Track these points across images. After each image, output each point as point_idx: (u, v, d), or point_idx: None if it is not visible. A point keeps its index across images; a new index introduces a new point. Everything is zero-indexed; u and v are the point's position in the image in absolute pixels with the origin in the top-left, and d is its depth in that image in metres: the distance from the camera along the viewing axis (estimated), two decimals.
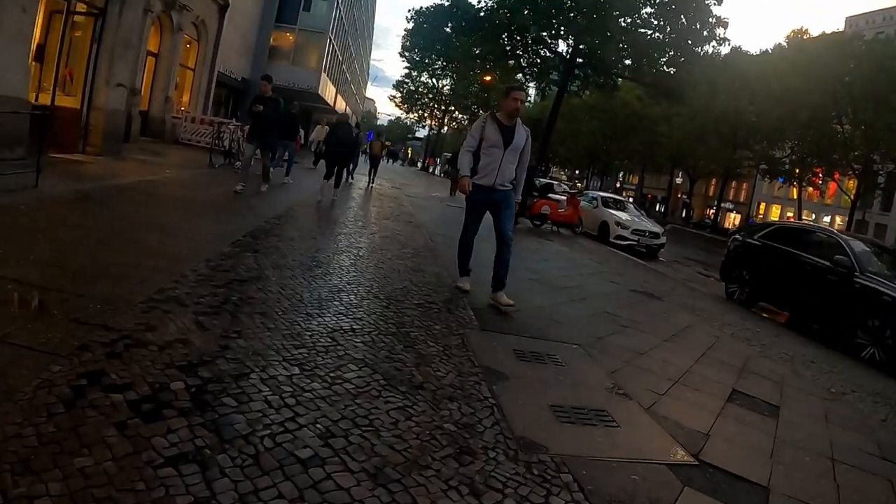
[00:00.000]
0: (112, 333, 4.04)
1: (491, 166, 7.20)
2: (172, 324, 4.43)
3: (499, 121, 7.23)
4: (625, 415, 4.73)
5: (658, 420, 4.76)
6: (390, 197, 20.57)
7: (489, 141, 7.14)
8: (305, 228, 9.93)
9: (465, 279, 7.75)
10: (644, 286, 12.18)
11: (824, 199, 56.00)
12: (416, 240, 11.18)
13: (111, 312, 4.40)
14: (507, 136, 7.15)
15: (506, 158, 7.20)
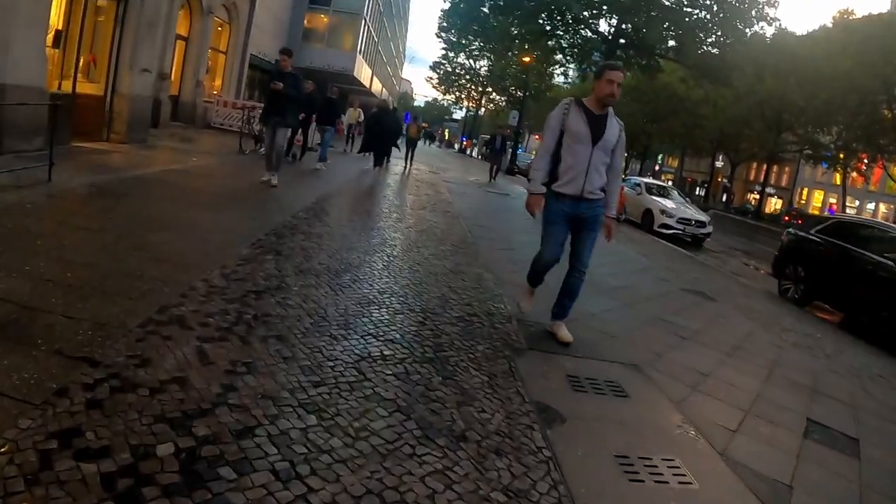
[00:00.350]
0: (98, 371, 3.39)
1: (577, 168, 5.44)
2: (171, 355, 3.75)
3: (586, 108, 5.48)
4: (698, 464, 4.00)
5: (735, 468, 4.04)
6: (427, 183, 19.83)
7: (573, 135, 5.41)
8: (335, 223, 9.24)
9: (529, 300, 6.25)
10: (695, 284, 11.35)
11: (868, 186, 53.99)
12: (454, 233, 10.45)
13: (101, 341, 3.75)
14: (596, 129, 5.43)
15: (595, 158, 5.45)
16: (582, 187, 5.48)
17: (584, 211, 5.63)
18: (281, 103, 11.27)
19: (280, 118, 11.35)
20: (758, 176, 68.47)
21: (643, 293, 9.28)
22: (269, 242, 7.09)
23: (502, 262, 9.04)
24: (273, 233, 7.64)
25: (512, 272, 8.36)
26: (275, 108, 11.37)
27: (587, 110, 5.47)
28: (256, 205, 9.46)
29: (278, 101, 11.26)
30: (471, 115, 71.82)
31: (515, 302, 6.35)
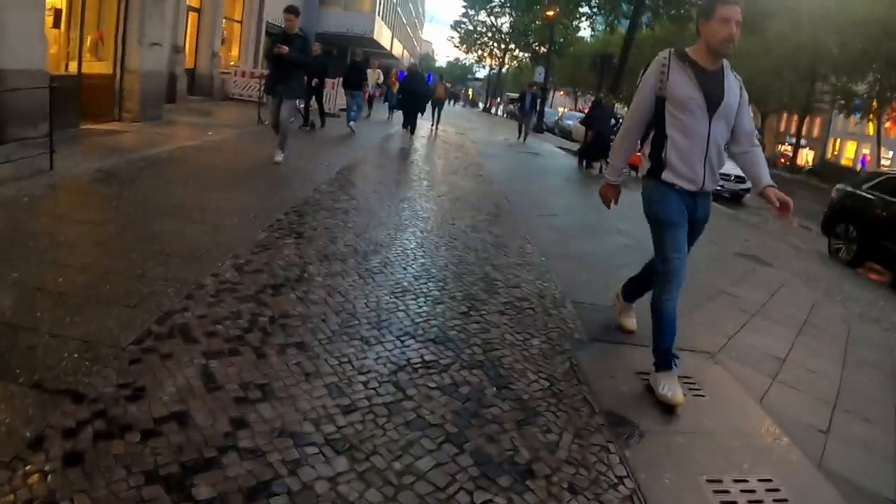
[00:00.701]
0: (82, 409, 2.77)
1: (693, 150, 3.89)
2: (170, 381, 3.10)
3: (693, 63, 3.88)
4: (798, 483, 3.34)
5: (836, 483, 3.39)
6: (455, 145, 19.03)
7: (679, 103, 3.83)
8: (361, 196, 8.54)
9: (629, 316, 5.04)
10: (747, 247, 10.56)
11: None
12: (489, 200, 9.73)
13: (89, 366, 3.11)
14: (712, 91, 3.84)
15: (715, 132, 3.88)
16: (702, 178, 3.92)
17: (700, 211, 4.16)
18: (286, 70, 9.69)
19: (286, 87, 9.70)
20: (788, 127, 66.50)
21: (697, 261, 8.46)
22: (288, 223, 6.44)
23: (544, 230, 8.33)
24: (294, 211, 6.97)
25: (556, 242, 7.69)
26: (280, 75, 9.75)
27: (695, 66, 3.85)
28: (275, 180, 8.78)
29: (283, 67, 9.67)
30: (494, 74, 70.32)
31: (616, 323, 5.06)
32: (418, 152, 15.11)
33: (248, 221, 6.28)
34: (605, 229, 9.27)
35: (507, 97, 64.14)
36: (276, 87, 9.77)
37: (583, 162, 19.03)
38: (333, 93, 21.46)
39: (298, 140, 13.37)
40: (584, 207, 11.19)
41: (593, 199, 12.39)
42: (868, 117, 45.01)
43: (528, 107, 24.50)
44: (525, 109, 24.60)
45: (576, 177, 16.44)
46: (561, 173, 16.50)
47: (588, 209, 10.94)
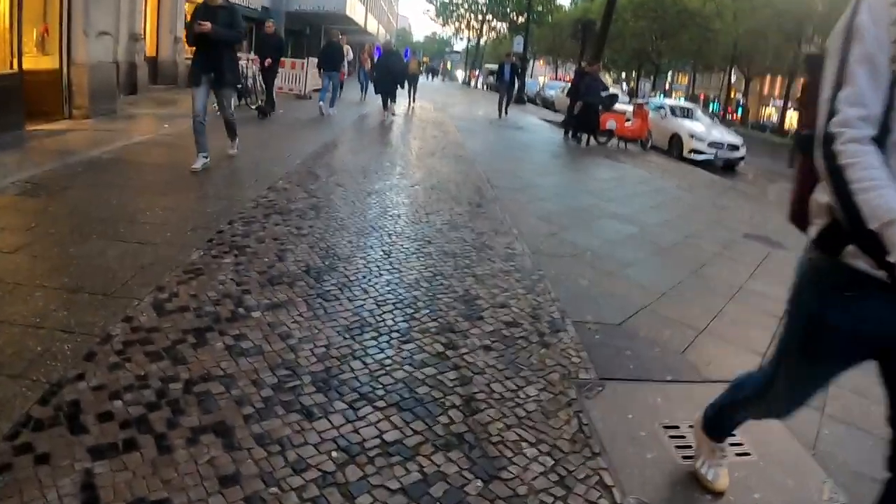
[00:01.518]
0: None
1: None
2: None
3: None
4: None
5: None
6: (433, 123, 17.93)
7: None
8: (323, 192, 7.49)
9: (721, 460, 2.86)
10: (755, 226, 9.60)
11: None
12: (470, 186, 8.78)
13: None
14: None
15: None
16: None
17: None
18: (215, 52, 7.68)
19: (218, 74, 7.80)
20: (772, 90, 65.54)
21: (707, 249, 7.54)
22: (231, 236, 5.41)
23: (534, 221, 7.40)
24: (241, 218, 5.95)
25: (549, 236, 6.77)
26: (207, 60, 7.70)
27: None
28: (226, 178, 7.74)
29: (210, 48, 7.63)
30: (472, 46, 68.92)
31: (695, 471, 2.86)
32: (393, 133, 14.01)
33: (184, 237, 5.26)
34: (602, 214, 8.30)
35: (487, 69, 62.78)
36: (202, 73, 7.71)
37: (568, 133, 18.00)
38: (303, 73, 20.33)
39: (258, 128, 12.28)
40: (576, 188, 10.20)
41: (584, 176, 11.39)
42: None
43: (508, 78, 22.63)
44: (504, 81, 22.69)
45: (563, 151, 15.41)
46: (547, 148, 15.46)
47: (580, 190, 9.95)
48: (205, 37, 7.47)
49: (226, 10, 7.77)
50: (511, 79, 22.83)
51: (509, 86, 22.95)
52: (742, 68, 53.60)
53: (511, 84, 23.25)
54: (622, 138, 18.36)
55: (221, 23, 7.58)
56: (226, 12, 7.75)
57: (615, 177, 12.04)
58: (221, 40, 7.62)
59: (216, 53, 7.67)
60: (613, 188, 10.66)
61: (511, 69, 22.64)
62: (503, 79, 22.54)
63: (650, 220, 8.50)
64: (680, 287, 5.77)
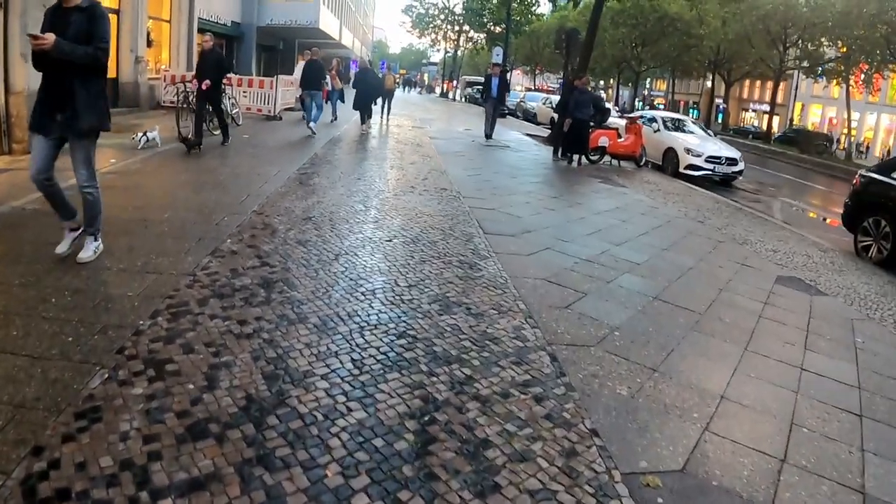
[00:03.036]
0: None
1: None
2: None
3: None
4: None
5: None
6: (412, 144, 16.42)
7: None
8: (280, 254, 5.94)
9: None
10: (782, 262, 8.48)
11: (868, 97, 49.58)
12: (459, 236, 7.34)
13: None
14: None
15: None
16: None
17: None
18: (61, 80, 4.88)
19: (71, 114, 4.94)
20: (751, 94, 64.76)
21: (747, 308, 6.24)
22: (149, 343, 3.92)
23: (541, 285, 5.95)
24: (168, 309, 4.44)
25: (564, 311, 5.32)
26: (51, 91, 4.97)
27: None
28: (157, 237, 6.17)
29: (55, 74, 4.87)
30: (449, 57, 67.52)
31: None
32: (367, 161, 12.47)
33: (86, 345, 3.73)
34: (617, 265, 6.89)
35: (465, 80, 61.50)
36: (45, 115, 4.97)
37: (557, 153, 16.58)
38: (272, 92, 18.85)
39: (214, 159, 10.77)
40: (579, 227, 8.77)
41: (584, 209, 9.95)
42: (836, 81, 43.03)
43: (496, 94, 19.61)
44: (492, 97, 19.70)
45: (555, 176, 13.96)
46: (537, 172, 13.99)
47: (584, 230, 8.54)
48: (45, 56, 4.69)
49: (83, 14, 4.87)
50: (499, 94, 19.82)
51: (497, 102, 19.96)
52: (722, 73, 52.63)
53: (500, 100, 20.18)
54: (615, 156, 17.01)
55: (72, 32, 4.77)
56: (82, 17, 4.86)
57: (617, 206, 10.63)
58: (72, 58, 4.74)
59: (66, 82, 4.86)
60: (620, 224, 9.25)
61: (499, 83, 19.71)
62: (491, 95, 19.63)
63: (672, 269, 7.13)
64: (740, 384, 4.41)
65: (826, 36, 39.97)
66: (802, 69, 45.31)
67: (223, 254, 5.74)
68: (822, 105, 57.33)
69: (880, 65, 37.40)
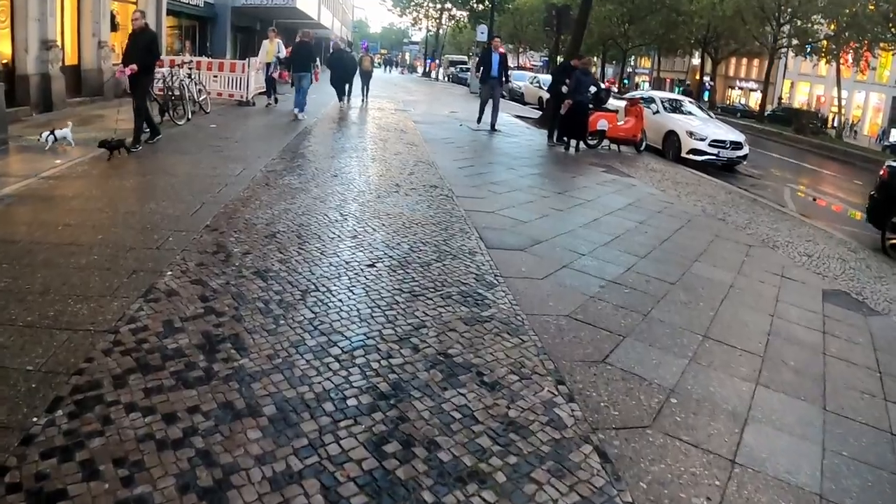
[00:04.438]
0: None
1: None
2: None
3: None
4: None
5: None
6: (394, 129, 15.03)
7: None
8: (230, 296, 4.63)
9: None
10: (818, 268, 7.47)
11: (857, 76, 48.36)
12: (457, 252, 6.07)
13: None
14: None
15: None
16: None
17: None
18: None
19: None
20: (737, 72, 63.53)
21: (806, 342, 5.09)
22: (38, 458, 2.64)
23: (567, 326, 4.68)
24: (76, 390, 3.18)
25: (604, 370, 4.07)
26: None
27: None
28: (70, 281, 4.81)
29: None
30: (431, 36, 65.64)
31: None
32: (345, 154, 11.06)
33: None
34: (648, 288, 5.63)
35: (448, 59, 59.80)
36: None
37: (553, 137, 15.21)
38: (244, 76, 17.40)
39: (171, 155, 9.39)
40: (594, 233, 7.51)
41: (595, 209, 8.68)
42: (826, 59, 41.83)
43: (497, 73, 16.10)
44: (492, 78, 16.11)
45: (554, 166, 12.65)
46: (534, 162, 12.65)
47: (601, 237, 7.29)
48: None
49: None
50: (500, 74, 16.27)
51: (496, 84, 16.31)
52: (709, 51, 51.34)
53: (500, 82, 16.55)
54: (614, 140, 15.69)
55: None
56: None
57: (630, 203, 9.37)
58: None
59: None
60: (637, 227, 8.00)
61: (500, 60, 16.21)
62: (491, 75, 16.08)
63: (711, 289, 5.93)
64: (837, 476, 3.17)
65: (819, 13, 38.74)
66: (793, 47, 44.05)
67: (159, 295, 4.42)
68: (810, 83, 56.21)
69: (871, 43, 36.20)
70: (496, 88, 16.26)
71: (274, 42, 17.62)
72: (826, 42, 40.07)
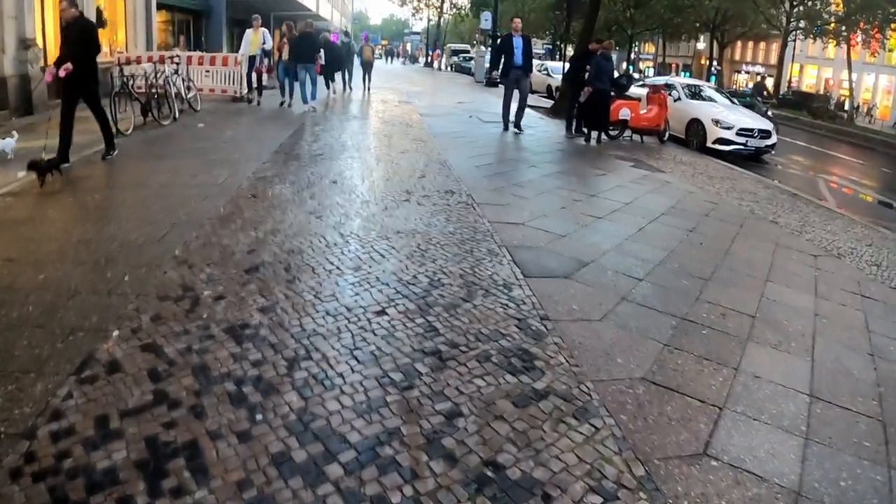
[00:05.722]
0: None
1: None
2: None
3: None
4: None
5: None
6: (400, 124, 13.75)
7: None
8: (190, 373, 3.42)
9: None
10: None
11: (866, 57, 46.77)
12: (496, 297, 4.73)
13: None
14: None
15: None
16: None
17: None
18: None
19: None
20: (743, 56, 61.95)
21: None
22: None
23: (676, 429, 3.41)
24: None
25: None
26: None
27: None
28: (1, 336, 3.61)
29: None
30: (433, 25, 64.09)
31: None
32: (346, 153, 9.76)
33: None
34: (751, 329, 4.35)
35: (450, 49, 58.30)
36: None
37: (571, 128, 13.91)
38: (236, 70, 16.13)
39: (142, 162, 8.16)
40: (649, 249, 6.27)
41: (637, 213, 7.40)
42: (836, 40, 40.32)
43: (521, 62, 13.18)
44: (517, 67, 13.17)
45: (578, 161, 11.33)
46: (555, 158, 11.34)
47: (655, 253, 6.06)
48: None
49: None
50: (525, 63, 13.33)
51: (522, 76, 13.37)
52: (716, 35, 49.83)
53: (526, 72, 13.59)
54: (637, 131, 14.39)
55: None
56: None
57: (672, 206, 8.12)
58: None
59: None
60: (689, 237, 6.75)
61: (524, 47, 13.18)
62: (515, 64, 13.11)
63: (800, 323, 4.78)
64: None
65: None
66: (802, 29, 42.54)
67: (97, 370, 3.19)
68: (818, 66, 54.63)
69: (882, 24, 34.77)
70: (522, 81, 13.33)
71: (258, 32, 15.90)
72: (834, 24, 38.59)
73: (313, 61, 15.08)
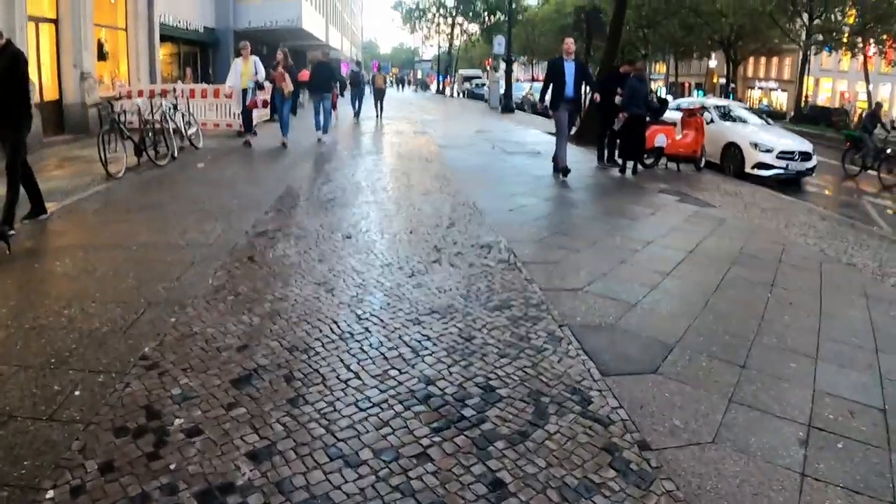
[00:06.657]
0: None
1: None
2: None
3: None
4: None
5: None
6: (418, 159, 12.62)
7: None
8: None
9: None
10: None
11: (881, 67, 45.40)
12: (571, 415, 3.66)
13: None
14: None
15: None
16: None
17: None
18: None
19: None
20: (756, 72, 60.87)
21: None
22: None
23: None
24: None
25: None
26: None
27: None
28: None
29: None
30: (444, 53, 63.28)
31: None
32: (359, 198, 8.59)
33: None
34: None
35: (461, 75, 57.49)
36: None
37: (603, 158, 12.70)
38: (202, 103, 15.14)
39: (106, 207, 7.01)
40: (736, 303, 5.07)
41: (712, 268, 6.06)
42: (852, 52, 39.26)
43: (572, 93, 10.89)
44: (567, 99, 10.79)
45: (620, 195, 10.13)
46: (594, 193, 10.17)
47: (752, 315, 4.83)
48: None
49: None
50: (577, 92, 11.22)
51: (574, 109, 11.50)
52: (730, 52, 48.84)
53: (578, 106, 12.00)
54: (673, 158, 13.20)
55: None
56: None
57: (738, 250, 6.92)
58: None
59: None
60: (772, 294, 5.51)
61: (577, 72, 10.76)
62: (565, 94, 10.72)
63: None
64: None
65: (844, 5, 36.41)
66: (817, 43, 41.46)
67: None
68: (832, 79, 53.48)
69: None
70: (575, 114, 11.82)
71: (249, 61, 13.71)
72: (849, 36, 37.63)
73: (329, 90, 14.52)
